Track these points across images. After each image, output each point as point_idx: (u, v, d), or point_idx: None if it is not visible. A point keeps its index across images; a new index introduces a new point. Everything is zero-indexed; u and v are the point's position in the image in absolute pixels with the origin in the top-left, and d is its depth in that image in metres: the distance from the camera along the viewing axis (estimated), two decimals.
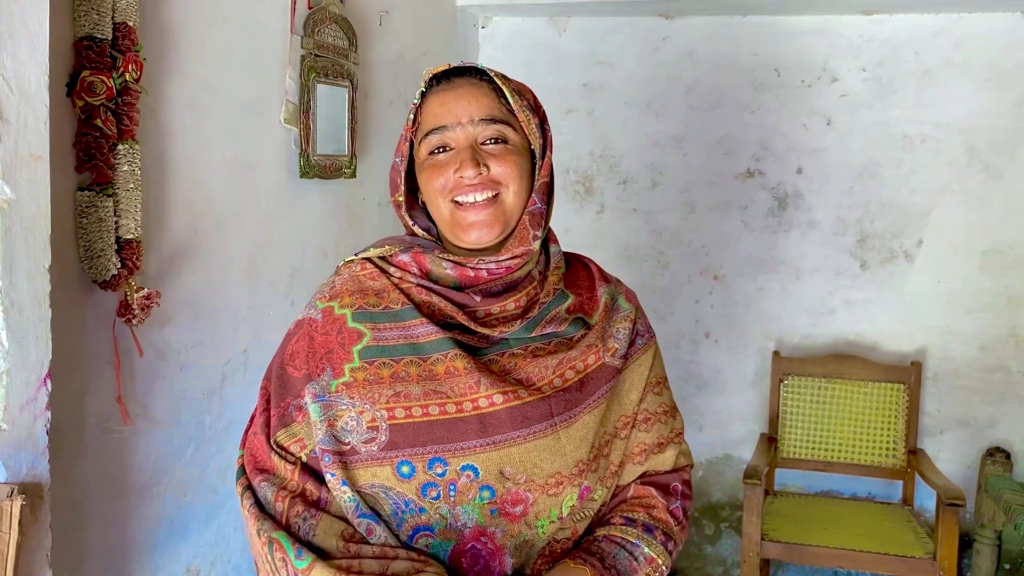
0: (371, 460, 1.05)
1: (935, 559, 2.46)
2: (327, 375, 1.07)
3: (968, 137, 2.90)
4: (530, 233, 1.11)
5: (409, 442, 1.04)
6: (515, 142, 1.11)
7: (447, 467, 1.04)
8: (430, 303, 1.09)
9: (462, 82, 1.12)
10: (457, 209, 1.10)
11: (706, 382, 3.19)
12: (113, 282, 1.46)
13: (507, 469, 1.05)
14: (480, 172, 1.08)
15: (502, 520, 1.06)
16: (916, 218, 2.96)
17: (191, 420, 1.76)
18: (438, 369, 1.06)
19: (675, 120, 3.15)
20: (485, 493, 1.05)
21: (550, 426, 1.07)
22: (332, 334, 1.09)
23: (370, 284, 1.12)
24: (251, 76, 1.88)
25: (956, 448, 2.97)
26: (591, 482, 1.11)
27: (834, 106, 3.00)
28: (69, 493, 1.45)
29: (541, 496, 1.07)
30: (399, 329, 1.08)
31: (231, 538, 1.90)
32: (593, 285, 1.21)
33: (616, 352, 1.16)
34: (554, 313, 1.14)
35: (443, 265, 1.10)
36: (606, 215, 3.24)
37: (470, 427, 1.05)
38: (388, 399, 1.05)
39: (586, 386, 1.12)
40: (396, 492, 1.04)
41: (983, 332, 2.93)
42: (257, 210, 1.93)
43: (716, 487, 3.19)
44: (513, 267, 1.11)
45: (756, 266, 3.11)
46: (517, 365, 1.09)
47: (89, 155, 1.40)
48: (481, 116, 1.10)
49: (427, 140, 1.11)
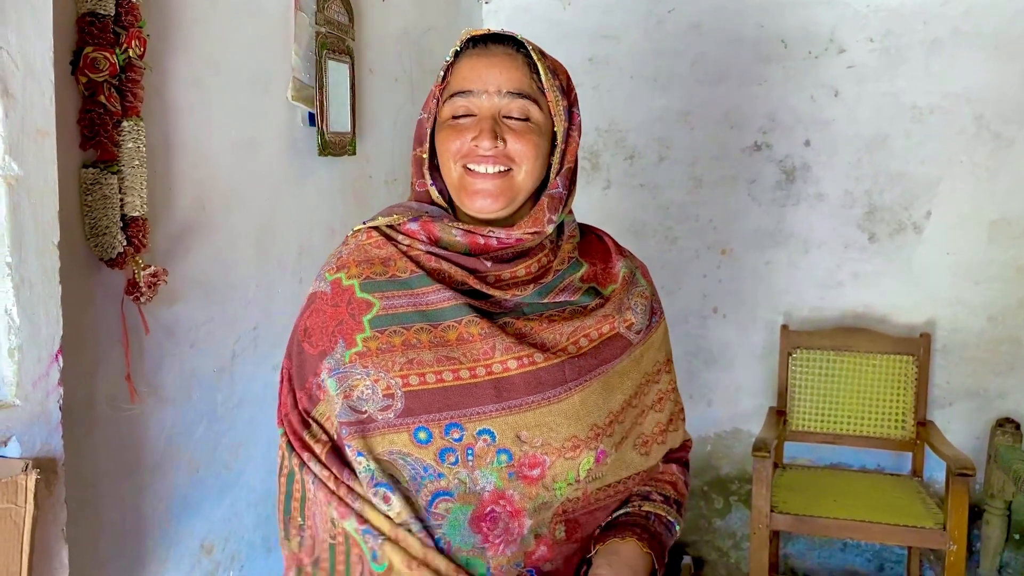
0: (388, 427, 1.05)
1: (945, 529, 2.47)
2: (340, 347, 1.08)
3: (977, 107, 2.87)
4: (546, 216, 1.11)
5: (425, 408, 1.05)
6: (538, 121, 1.11)
7: (464, 432, 1.05)
8: (440, 270, 1.10)
9: (498, 50, 1.11)
10: (467, 174, 1.10)
11: (714, 357, 3.19)
12: (119, 260, 1.46)
13: (523, 433, 1.06)
14: (496, 145, 1.07)
15: (520, 483, 1.07)
16: (925, 189, 2.95)
17: (202, 397, 1.76)
18: (450, 335, 1.06)
19: (681, 94, 3.13)
20: (503, 457, 1.06)
21: (564, 391, 1.08)
22: (342, 305, 1.10)
23: (376, 253, 1.12)
24: (255, 53, 1.87)
25: (965, 419, 2.97)
26: (607, 446, 1.13)
27: (841, 77, 2.98)
28: (82, 470, 1.46)
29: (558, 459, 1.08)
30: (408, 297, 1.08)
31: (244, 514, 1.92)
32: (609, 257, 1.22)
33: (633, 326, 1.17)
34: (568, 281, 1.15)
35: (453, 232, 1.10)
36: (613, 191, 3.23)
37: (485, 392, 1.05)
38: (401, 366, 1.05)
39: (600, 353, 1.12)
40: (414, 458, 1.05)
41: (992, 303, 2.92)
42: (263, 187, 1.93)
43: (725, 461, 3.20)
44: (524, 240, 1.12)
45: (764, 240, 3.10)
46: (532, 330, 1.10)
47: (93, 132, 1.40)
48: (509, 89, 1.09)
49: (451, 102, 1.11)
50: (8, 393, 1.19)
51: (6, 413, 1.17)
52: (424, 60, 2.70)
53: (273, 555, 2.03)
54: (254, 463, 1.93)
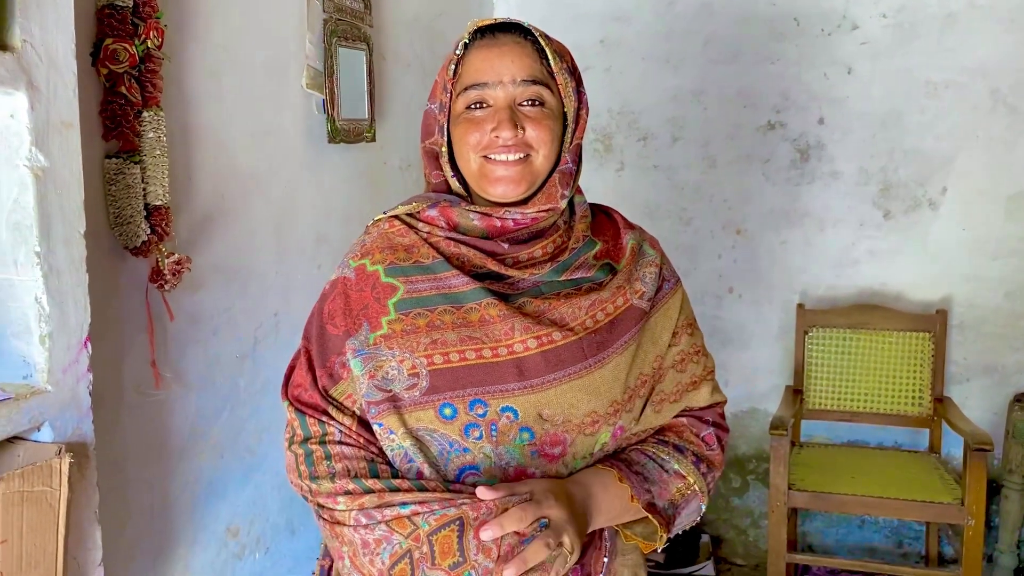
0: (414, 405, 1.08)
1: (963, 505, 2.47)
2: (364, 329, 1.11)
3: (992, 81, 2.85)
4: (558, 191, 1.14)
5: (449, 385, 1.07)
6: (551, 105, 1.14)
7: (487, 408, 1.07)
8: (460, 254, 1.12)
9: (506, 39, 1.13)
10: (487, 163, 1.12)
11: (730, 337, 3.19)
12: (144, 248, 1.49)
13: (545, 411, 1.08)
14: (516, 135, 1.10)
15: (541, 461, 1.10)
16: (940, 165, 2.93)
17: (225, 383, 1.79)
18: (472, 317, 1.09)
19: (694, 74, 3.12)
20: (525, 435, 1.08)
21: (584, 367, 1.10)
22: (367, 290, 1.12)
23: (399, 240, 1.15)
24: (270, 41, 1.89)
25: (983, 395, 2.96)
26: (625, 421, 1.15)
27: (855, 54, 2.96)
28: (111, 455, 1.49)
29: (578, 436, 1.11)
30: (431, 281, 1.11)
31: (268, 497, 1.95)
32: (618, 233, 1.24)
33: (643, 295, 1.18)
34: (583, 259, 1.17)
35: (470, 216, 1.13)
36: (626, 173, 3.23)
37: (508, 371, 1.08)
38: (426, 347, 1.08)
39: (616, 327, 1.14)
40: (440, 433, 1.08)
41: (1009, 278, 2.91)
42: (281, 175, 1.95)
43: (742, 440, 3.21)
44: (539, 219, 1.14)
45: (779, 219, 3.10)
46: (551, 306, 1.12)
47: (115, 123, 1.42)
48: (523, 77, 1.11)
49: (466, 94, 1.13)
50: (40, 379, 1.22)
51: (39, 399, 1.20)
52: (436, 46, 2.71)
53: (297, 536, 2.07)
54: (277, 447, 1.96)
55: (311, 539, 2.11)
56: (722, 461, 1.25)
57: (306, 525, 2.09)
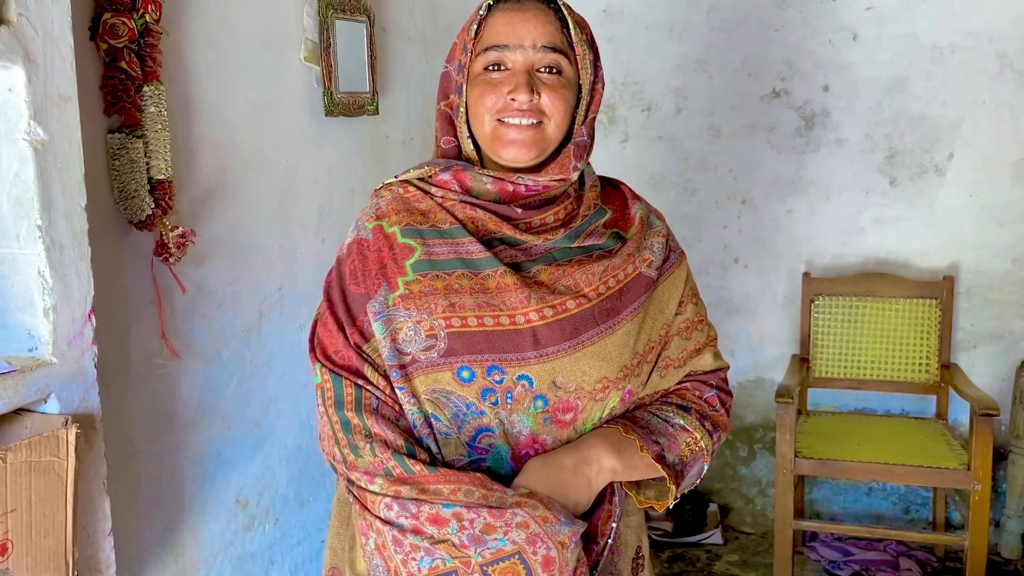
0: (431, 366, 1.09)
1: (969, 470, 2.48)
2: (383, 290, 1.11)
3: (999, 45, 2.82)
4: (571, 163, 1.15)
5: (467, 349, 1.08)
6: (568, 74, 1.14)
7: (504, 375, 1.09)
8: (474, 218, 1.13)
9: (530, 5, 1.14)
10: (500, 126, 1.13)
11: (736, 307, 3.19)
12: (148, 222, 1.50)
13: (558, 379, 1.10)
14: (532, 99, 1.11)
15: (553, 427, 1.12)
16: (946, 131, 2.91)
17: (232, 356, 1.81)
18: (490, 284, 1.10)
19: (697, 42, 3.10)
20: (539, 403, 1.10)
21: (596, 333, 1.12)
22: (384, 250, 1.13)
23: (416, 205, 1.16)
24: (270, 14, 1.88)
25: (990, 362, 2.96)
26: (634, 386, 1.17)
27: (860, 19, 2.93)
28: (120, 426, 1.51)
29: (589, 402, 1.12)
30: (449, 245, 1.12)
31: (277, 469, 1.97)
32: (626, 203, 1.26)
33: (651, 263, 1.20)
34: (594, 226, 1.19)
35: (483, 180, 1.14)
36: (630, 144, 3.22)
37: (524, 339, 1.09)
38: (444, 309, 1.09)
39: (625, 295, 1.16)
40: (457, 395, 1.09)
41: (1016, 244, 2.89)
42: (282, 149, 1.95)
43: (749, 410, 3.22)
44: (551, 187, 1.16)
45: (784, 188, 3.09)
46: (565, 272, 1.13)
47: (116, 97, 1.43)
48: (543, 43, 1.12)
49: (485, 55, 1.13)
50: (45, 351, 1.23)
51: (44, 371, 1.22)
52: (436, 17, 2.69)
53: (307, 508, 2.09)
54: (285, 419, 1.98)
55: (320, 511, 2.13)
56: (727, 424, 1.26)
57: (315, 496, 2.11)
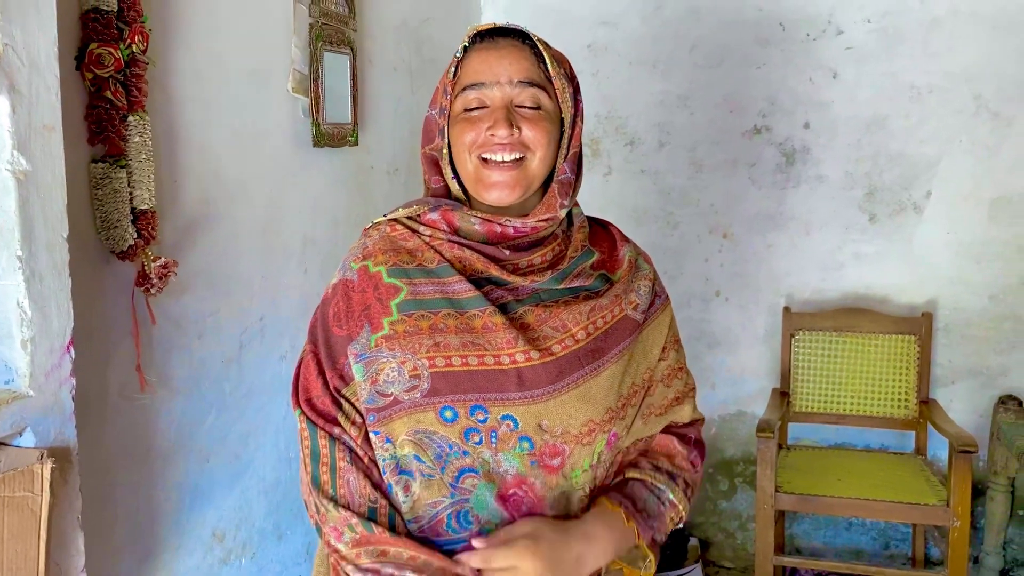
0: (414, 407, 1.09)
1: (948, 506, 2.49)
2: (365, 332, 1.11)
3: (976, 86, 2.87)
4: (558, 201, 1.15)
5: (451, 389, 1.08)
6: (548, 108, 1.15)
7: (488, 415, 1.08)
8: (462, 258, 1.13)
9: (505, 42, 1.14)
10: (483, 166, 1.13)
11: (718, 340, 3.20)
12: (130, 252, 1.48)
13: (544, 422, 1.09)
14: (512, 133, 1.11)
15: (541, 471, 1.11)
16: (924, 169, 2.95)
17: (211, 387, 1.79)
18: (475, 323, 1.10)
19: (680, 79, 3.13)
20: (525, 444, 1.09)
21: (581, 376, 1.12)
22: (369, 291, 1.13)
23: (403, 244, 1.16)
24: (256, 45, 1.89)
25: (968, 397, 2.98)
26: (619, 429, 1.17)
27: (840, 59, 2.98)
28: (96, 459, 1.49)
29: (576, 447, 1.12)
30: (435, 284, 1.12)
31: (254, 502, 1.94)
32: (614, 245, 1.27)
33: (637, 307, 1.20)
34: (581, 268, 1.19)
35: (471, 221, 1.14)
36: (614, 177, 3.24)
37: (509, 380, 1.09)
38: (428, 349, 1.09)
39: (611, 336, 1.16)
40: (440, 436, 1.09)
41: (993, 281, 2.93)
42: (267, 179, 1.95)
43: (730, 443, 3.22)
44: (539, 228, 1.16)
45: (765, 223, 3.12)
46: (552, 313, 1.13)
47: (101, 127, 1.42)
48: (520, 78, 1.12)
49: (464, 95, 1.14)
50: (22, 384, 1.22)
51: (20, 404, 1.20)
52: (423, 50, 2.71)
53: (284, 542, 2.06)
54: (263, 452, 1.96)
55: (297, 544, 2.10)
56: (700, 481, 1.29)
57: (293, 530, 2.08)
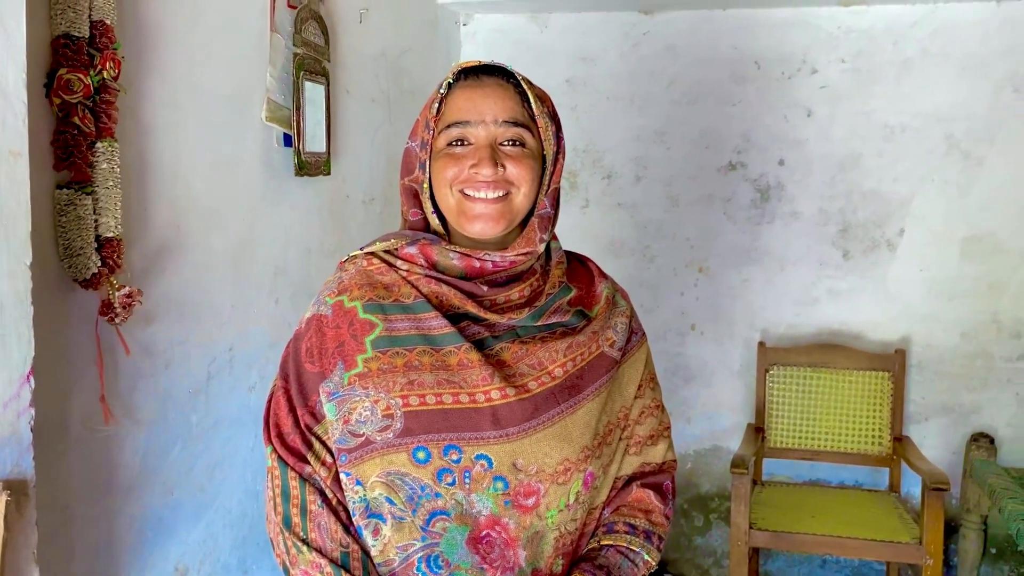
0: (387, 448, 1.07)
1: (921, 544, 2.48)
2: (339, 370, 1.10)
3: (947, 126, 2.92)
4: (537, 236, 1.15)
5: (424, 428, 1.07)
6: (531, 146, 1.15)
7: (462, 455, 1.07)
8: (439, 293, 1.12)
9: (490, 81, 1.15)
10: (465, 200, 1.12)
11: (693, 374, 3.20)
12: (94, 281, 1.45)
13: (519, 461, 1.08)
14: (497, 172, 1.11)
15: (515, 512, 1.09)
16: (898, 207, 2.99)
17: (177, 418, 1.76)
18: (451, 360, 1.09)
19: (657, 114, 3.16)
20: (499, 484, 1.08)
21: (557, 413, 1.11)
22: (343, 327, 1.12)
23: (379, 278, 1.15)
24: (231, 74, 1.88)
25: (941, 434, 3.00)
26: (595, 468, 1.15)
27: (814, 97, 3.02)
28: (55, 492, 1.45)
29: (552, 486, 1.10)
30: (411, 320, 1.11)
31: (220, 536, 1.90)
32: (592, 281, 1.26)
33: (614, 344, 1.20)
34: (558, 304, 1.19)
35: (450, 256, 1.13)
36: (591, 210, 3.25)
37: (484, 418, 1.07)
38: (402, 387, 1.07)
39: (588, 374, 1.15)
40: (412, 477, 1.07)
41: (965, 319, 2.96)
42: (239, 208, 1.93)
43: (705, 478, 3.21)
44: (517, 262, 1.15)
45: (740, 257, 3.13)
46: (528, 350, 1.13)
47: (67, 153, 1.40)
48: (504, 118, 1.13)
49: (447, 132, 1.14)
50: None
51: None
52: (401, 81, 2.72)
53: None
54: (229, 484, 1.92)
55: None
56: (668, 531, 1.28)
57: (259, 565, 2.04)
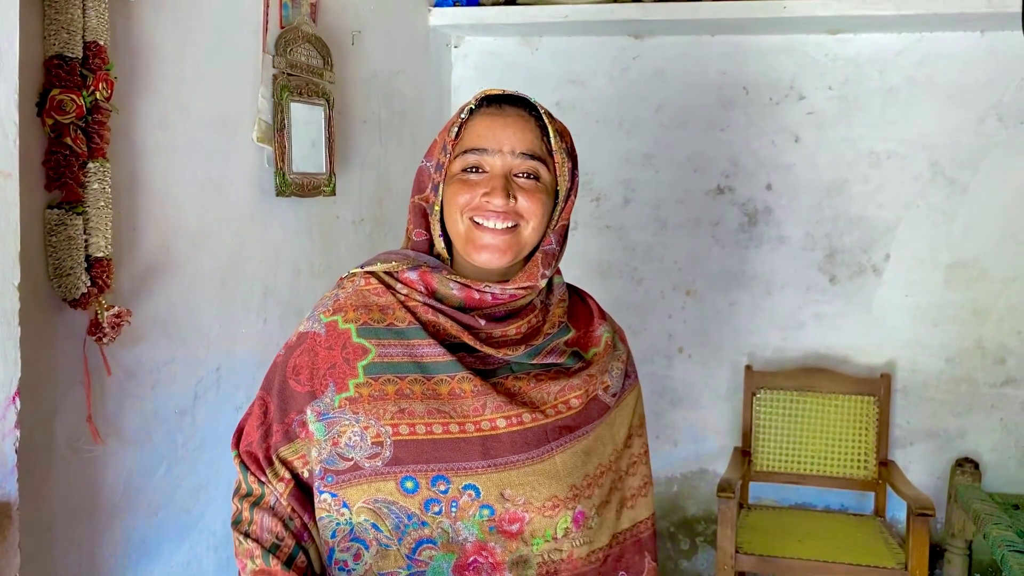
0: (375, 475, 1.07)
1: (907, 569, 2.49)
2: (330, 391, 1.10)
3: (932, 153, 2.96)
4: (539, 271, 1.15)
5: (413, 458, 1.06)
6: (545, 180, 1.15)
7: (449, 485, 1.07)
8: (436, 323, 1.12)
9: (511, 111, 1.15)
10: (474, 228, 1.12)
11: (680, 397, 3.21)
12: (83, 300, 1.45)
13: (507, 491, 1.08)
14: (508, 203, 1.11)
15: (500, 537, 1.09)
16: (883, 233, 3.01)
17: (163, 439, 1.75)
18: (442, 389, 1.09)
19: (646, 138, 3.18)
20: (485, 512, 1.08)
21: (547, 451, 1.10)
22: (336, 349, 1.11)
23: (375, 300, 1.14)
24: (223, 95, 1.88)
25: (926, 459, 3.01)
26: (586, 508, 1.14)
27: (802, 123, 3.05)
28: (39, 513, 1.43)
29: (537, 516, 1.10)
30: (404, 347, 1.10)
31: (204, 558, 1.89)
32: (591, 321, 1.26)
33: (609, 389, 1.20)
34: (555, 344, 1.18)
35: (450, 286, 1.13)
36: (579, 232, 3.26)
37: (473, 448, 1.07)
38: (393, 415, 1.07)
39: (581, 416, 1.15)
40: (399, 506, 1.07)
41: (950, 344, 2.98)
42: (229, 228, 1.93)
43: (691, 502, 3.21)
44: (517, 296, 1.14)
45: (728, 281, 3.15)
46: (521, 388, 1.12)
47: (58, 173, 1.40)
48: (522, 149, 1.13)
49: (464, 157, 1.14)
50: None
51: None
52: (393, 103, 2.73)
53: None
54: (214, 506, 1.90)
55: None
56: None
57: None
